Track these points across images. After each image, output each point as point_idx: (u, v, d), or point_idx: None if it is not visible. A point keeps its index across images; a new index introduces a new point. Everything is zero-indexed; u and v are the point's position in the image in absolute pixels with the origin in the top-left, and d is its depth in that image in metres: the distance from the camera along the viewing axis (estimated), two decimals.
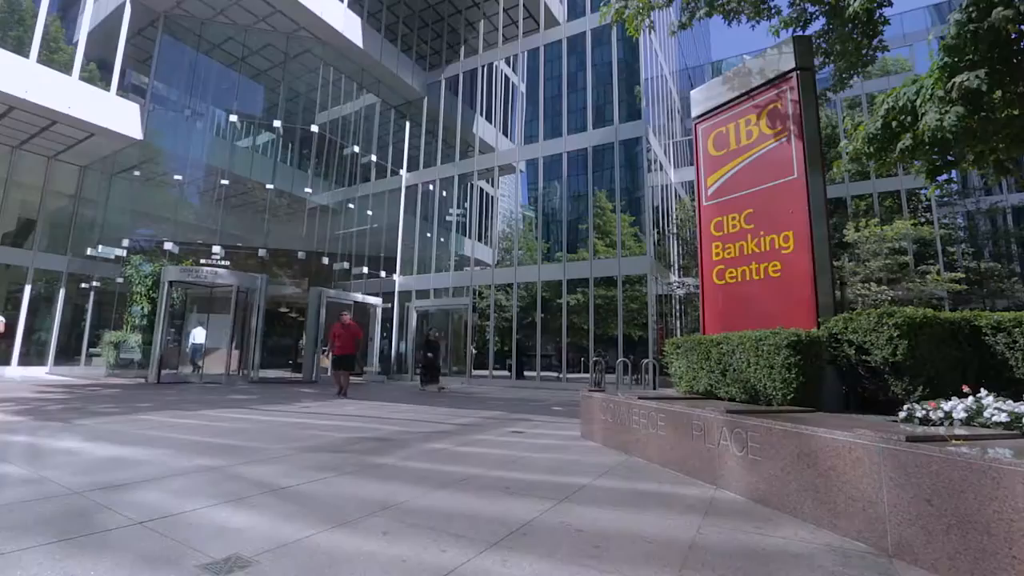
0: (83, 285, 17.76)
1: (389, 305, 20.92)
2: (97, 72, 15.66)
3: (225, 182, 18.49)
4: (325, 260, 20.89)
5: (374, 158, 23.01)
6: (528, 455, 4.57)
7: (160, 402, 8.45)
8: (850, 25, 6.41)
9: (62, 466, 3.59)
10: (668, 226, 21.11)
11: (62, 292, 17.31)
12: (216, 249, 17.34)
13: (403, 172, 23.09)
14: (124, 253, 16.40)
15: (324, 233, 21.65)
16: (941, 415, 2.95)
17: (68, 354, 17.31)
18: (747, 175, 5.52)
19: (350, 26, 19.06)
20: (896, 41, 24.49)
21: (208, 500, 2.85)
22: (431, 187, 22.17)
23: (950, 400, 3.04)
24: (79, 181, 18.02)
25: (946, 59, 5.55)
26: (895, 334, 3.74)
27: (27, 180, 17.06)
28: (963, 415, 2.87)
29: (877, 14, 6.29)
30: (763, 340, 4.13)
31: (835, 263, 18.39)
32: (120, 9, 16.03)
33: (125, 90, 16.19)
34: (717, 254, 5.73)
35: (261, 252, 18.42)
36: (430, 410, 8.47)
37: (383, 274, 21.80)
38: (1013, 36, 5.64)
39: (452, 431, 6.02)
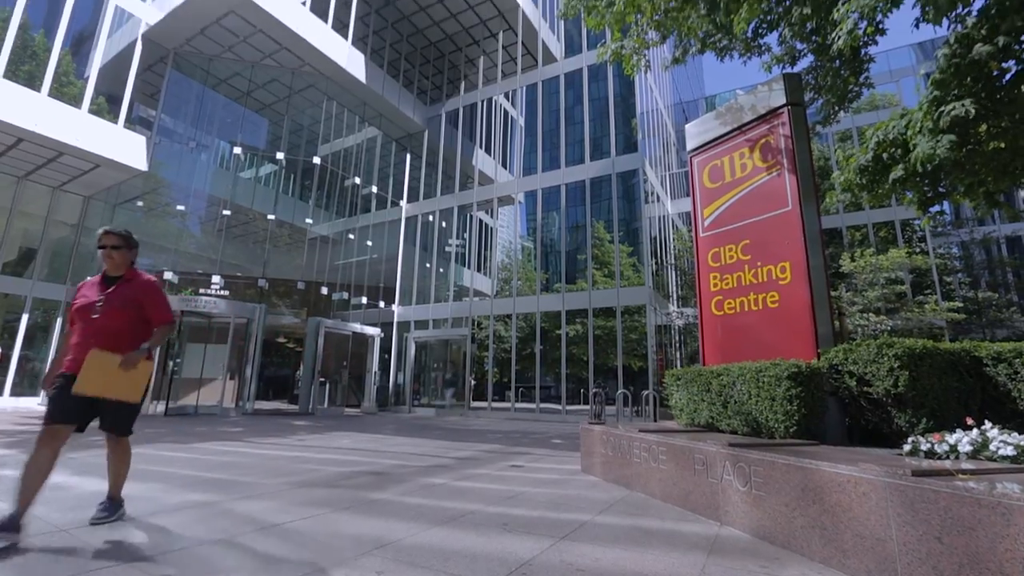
0: None
1: (384, 335, 20.82)
2: (106, 105, 16.00)
3: (227, 212, 18.67)
4: (324, 290, 20.92)
5: (375, 189, 23.33)
6: (527, 490, 4.47)
7: (152, 434, 8.31)
8: (837, 62, 6.62)
9: (50, 502, 3.49)
10: (666, 257, 21.27)
11: (59, 321, 17.23)
12: (216, 279, 17.38)
13: (403, 203, 23.38)
14: None
15: (324, 263, 21.75)
16: (946, 448, 2.91)
17: None
18: (743, 207, 5.59)
19: (354, 62, 19.64)
20: (882, 77, 25.29)
21: (197, 538, 2.76)
22: (431, 218, 22.41)
23: (955, 432, 3.00)
24: (82, 211, 18.19)
25: (935, 93, 5.71)
26: (896, 365, 3.72)
27: (31, 210, 17.22)
28: (969, 448, 2.83)
29: (862, 52, 6.50)
30: (764, 371, 4.11)
31: (833, 293, 18.47)
32: (132, 46, 16.53)
33: (132, 122, 16.53)
34: (715, 285, 5.75)
35: (261, 282, 18.46)
36: (427, 443, 8.33)
37: (382, 304, 21.79)
38: (995, 72, 5.83)
39: (450, 465, 5.90)
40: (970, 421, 3.15)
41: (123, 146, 15.53)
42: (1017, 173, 6.18)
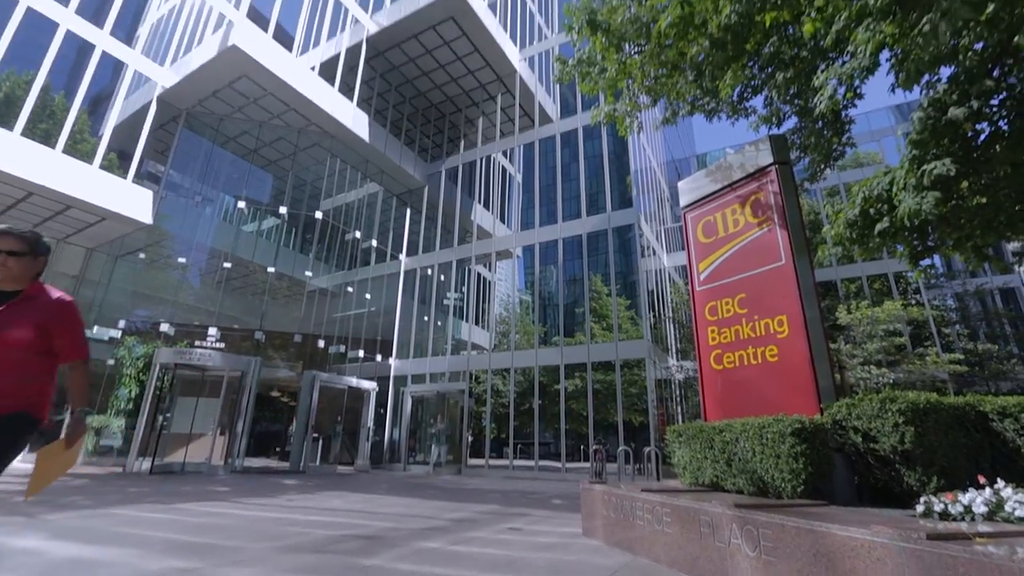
0: None
1: (381, 389, 20.47)
2: (116, 160, 16.48)
3: (227, 265, 18.84)
4: (321, 343, 20.75)
5: (375, 243, 23.68)
6: (527, 555, 4.25)
7: (135, 494, 7.96)
8: (820, 123, 6.94)
9: (19, 568, 3.30)
10: (664, 310, 21.34)
11: None
12: (212, 331, 17.28)
13: (402, 257, 23.67)
14: (119, 334, 16.28)
15: (322, 316, 21.72)
16: (960, 509, 2.81)
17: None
18: (737, 261, 5.68)
19: (358, 122, 20.49)
20: (864, 137, 26.45)
21: None
22: (430, 271, 22.62)
23: (968, 492, 2.91)
24: (84, 263, 18.34)
25: (915, 152, 5.96)
26: (900, 420, 3.65)
27: None
28: (984, 509, 2.73)
29: (843, 114, 6.83)
30: (767, 427, 4.02)
31: (832, 346, 18.39)
32: (146, 107, 17.27)
33: (141, 177, 16.98)
34: (713, 339, 5.73)
35: (257, 334, 18.34)
36: (422, 503, 7.99)
37: (379, 358, 21.57)
38: (970, 134, 6.11)
39: (446, 527, 5.63)
40: (982, 480, 3.06)
41: (130, 200, 15.89)
42: (1002, 227, 6.35)
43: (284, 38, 18.07)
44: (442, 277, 22.45)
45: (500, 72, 23.11)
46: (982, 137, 6.16)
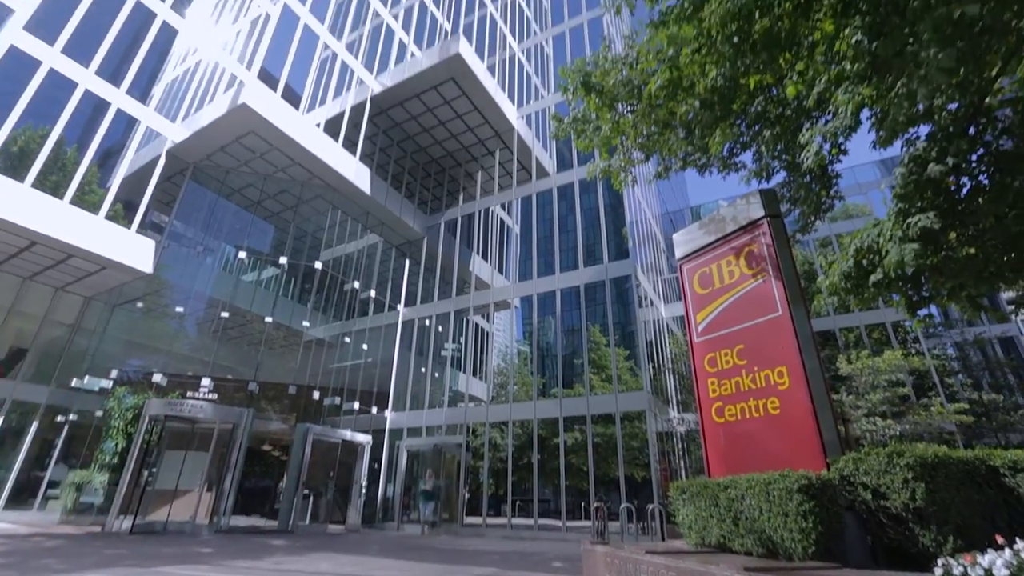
0: (59, 418, 17.00)
1: (375, 443, 19.91)
2: (122, 211, 16.75)
3: (225, 314, 18.79)
4: (316, 394, 20.38)
5: (373, 293, 23.77)
6: None
7: (112, 556, 7.56)
8: (808, 177, 7.17)
9: None
10: (663, 361, 21.17)
11: (34, 426, 16.48)
12: (205, 382, 17.00)
13: (400, 307, 23.70)
14: (110, 384, 16.00)
15: (317, 367, 21.45)
16: (981, 573, 2.68)
17: (24, 496, 15.90)
18: (734, 312, 5.71)
19: (360, 176, 21.07)
20: (852, 190, 27.26)
21: None
22: (427, 322, 22.57)
23: (987, 553, 2.78)
24: (80, 311, 18.28)
25: (900, 205, 6.13)
26: (909, 476, 3.55)
27: (29, 309, 17.31)
28: (1005, 572, 2.61)
29: (830, 169, 7.07)
30: (773, 484, 3.90)
31: (834, 397, 18.14)
32: (155, 161, 17.78)
33: (145, 227, 17.22)
34: (714, 391, 5.66)
35: (251, 385, 18.04)
36: (415, 566, 7.59)
37: (374, 410, 21.13)
38: (953, 188, 6.30)
39: None
40: (1000, 540, 2.94)
41: (132, 250, 16.06)
42: (993, 277, 6.43)
43: (292, 96, 18.90)
44: (440, 328, 22.38)
45: (499, 129, 24.04)
46: (965, 190, 6.36)
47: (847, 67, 5.09)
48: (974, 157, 6.19)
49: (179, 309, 19.27)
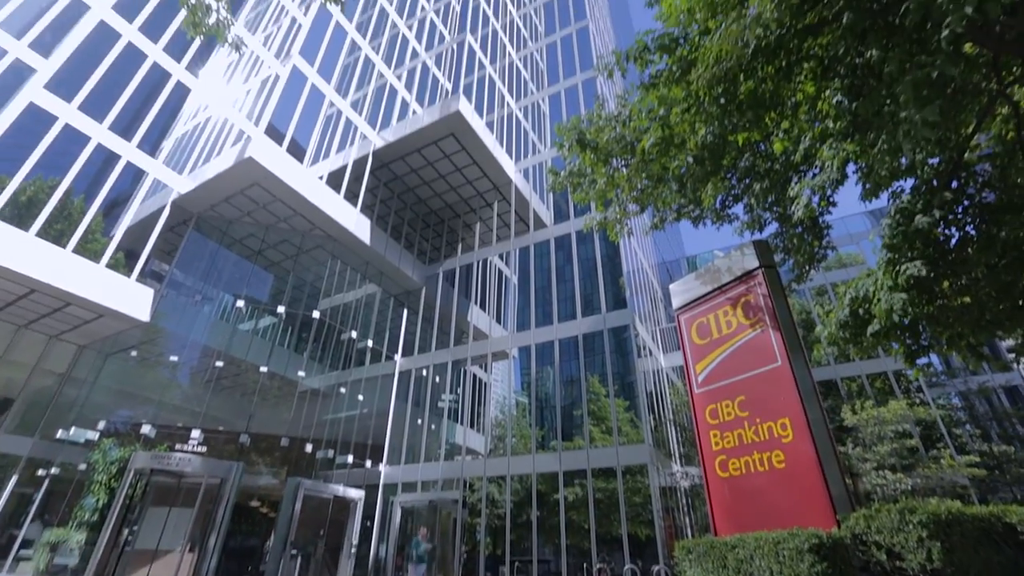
0: (40, 472, 16.38)
1: (369, 498, 19.15)
2: (123, 260, 16.85)
3: (220, 364, 18.56)
4: (309, 447, 19.80)
5: (370, 343, 23.61)
6: None
7: None
8: (799, 228, 7.32)
9: None
10: (664, 412, 20.78)
11: (13, 480, 15.85)
12: (195, 433, 16.55)
13: (398, 357, 23.47)
14: (96, 436, 15.54)
15: (311, 418, 20.97)
16: None
17: None
18: (733, 362, 5.66)
19: (360, 227, 21.44)
20: (843, 240, 27.73)
21: None
22: (424, 372, 22.30)
23: None
24: (73, 360, 18.03)
25: (890, 255, 6.22)
26: (924, 534, 3.41)
27: (20, 358, 17.07)
28: None
29: (821, 220, 7.22)
30: (782, 543, 3.73)
31: (840, 449, 17.68)
32: (160, 211, 18.11)
33: (144, 276, 17.30)
34: (716, 443, 5.53)
35: (243, 437, 17.55)
36: None
37: (368, 464, 20.48)
38: (941, 238, 6.42)
39: None
40: None
41: (130, 298, 16.06)
42: (990, 326, 6.44)
43: (297, 150, 19.54)
44: (437, 379, 22.08)
45: (497, 182, 24.72)
46: (953, 241, 6.49)
47: (830, 125, 5.32)
48: (959, 209, 6.36)
49: (173, 358, 19.03)
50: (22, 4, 15.49)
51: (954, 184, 6.37)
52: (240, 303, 20.71)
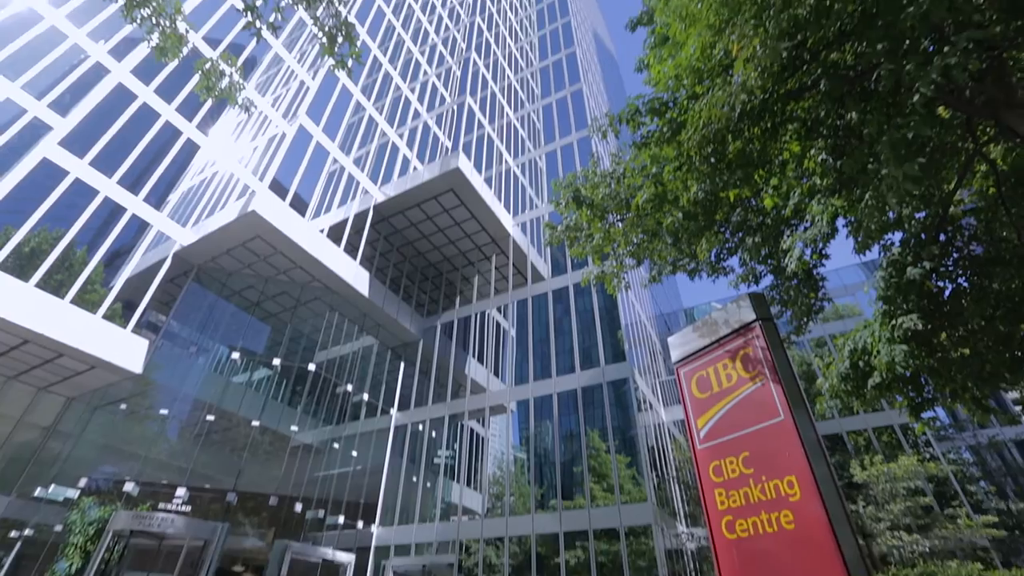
0: (12, 534, 15.53)
1: (359, 562, 18.14)
2: (120, 310, 16.78)
3: (211, 417, 18.11)
4: (298, 507, 18.97)
5: (366, 397, 23.19)
6: None
7: None
8: (795, 280, 7.39)
9: None
10: (667, 468, 20.14)
11: None
12: (180, 491, 15.90)
13: (393, 411, 22.99)
14: (76, 494, 14.89)
15: (303, 475, 20.23)
16: None
17: None
18: (735, 417, 5.56)
19: (359, 279, 21.58)
20: (839, 291, 27.94)
21: None
22: (421, 427, 21.78)
23: None
24: (60, 413, 17.57)
25: (885, 307, 6.25)
26: None
27: (6, 411, 16.64)
28: None
29: (815, 272, 7.30)
30: None
31: (851, 507, 17.00)
32: (161, 262, 18.26)
33: (140, 327, 17.18)
34: (722, 502, 5.33)
35: (230, 496, 16.85)
36: None
37: (360, 524, 19.56)
38: (935, 290, 6.48)
39: None
40: None
41: (124, 350, 15.88)
42: (992, 378, 6.38)
43: (299, 204, 19.99)
44: (433, 433, 21.53)
45: (495, 235, 25.15)
46: (947, 292, 6.55)
47: (817, 181, 5.50)
48: (949, 261, 6.46)
49: (164, 411, 18.59)
50: (48, 66, 16.32)
51: (942, 237, 6.51)
52: (235, 355, 20.48)
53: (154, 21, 4.76)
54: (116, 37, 18.30)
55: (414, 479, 20.63)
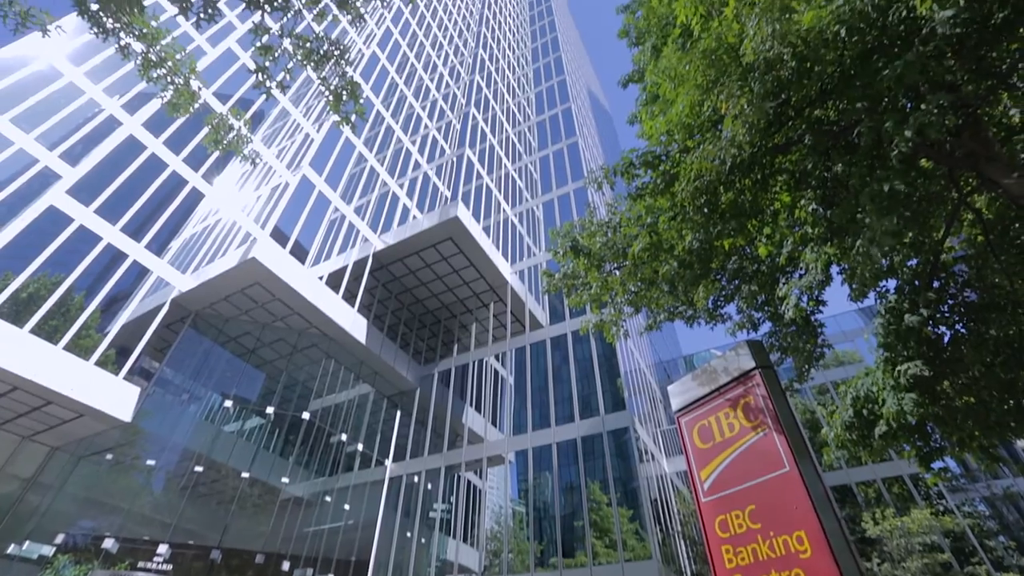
0: None
1: None
2: (113, 356, 16.55)
3: (199, 468, 17.54)
4: (285, 565, 18.05)
5: (360, 447, 22.58)
6: None
7: None
8: (793, 327, 7.39)
9: None
10: (671, 522, 19.37)
11: None
12: (162, 548, 15.17)
13: (388, 462, 22.34)
14: (52, 551, 14.15)
15: (291, 530, 19.38)
16: None
17: None
18: (739, 468, 5.41)
19: (357, 326, 21.50)
20: (838, 338, 27.85)
21: None
22: (416, 479, 21.10)
23: None
24: (43, 463, 16.98)
25: (886, 354, 6.22)
26: None
27: None
28: None
29: (813, 319, 7.30)
30: None
31: (866, 565, 16.24)
32: (158, 308, 18.22)
33: (133, 373, 16.92)
34: (730, 560, 5.09)
35: (214, 553, 16.07)
36: None
37: None
38: (933, 336, 6.48)
39: None
40: None
41: (115, 397, 15.58)
42: (998, 427, 6.27)
43: (300, 251, 20.21)
44: (429, 485, 20.82)
45: (493, 283, 25.31)
46: (946, 339, 6.54)
47: (809, 230, 5.62)
48: (944, 308, 6.50)
49: (150, 462, 18.00)
50: (63, 119, 16.91)
51: (936, 284, 6.58)
52: (228, 403, 20.09)
53: (169, 79, 4.99)
54: (131, 92, 19.11)
55: (408, 534, 19.76)
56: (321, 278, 20.74)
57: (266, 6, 4.44)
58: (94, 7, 4.10)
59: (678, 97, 5.61)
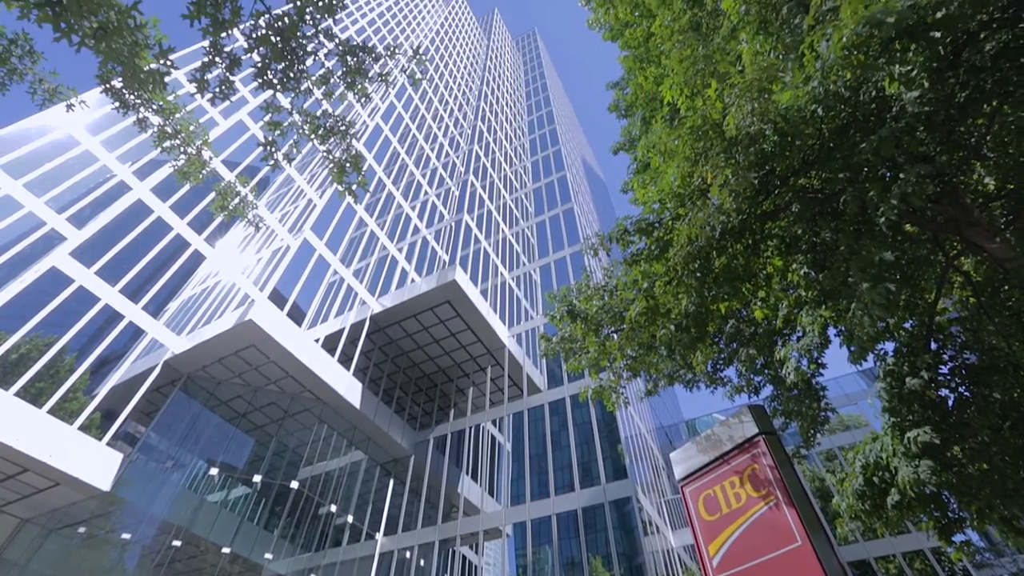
0: None
1: None
2: (98, 420, 15.99)
3: (177, 543, 16.49)
4: None
5: (350, 519, 21.42)
6: None
7: None
8: (795, 391, 7.28)
9: None
10: None
11: None
12: None
13: (379, 536, 21.10)
14: None
15: None
16: None
17: None
18: (749, 543, 5.14)
19: (351, 390, 21.06)
20: (840, 400, 27.35)
21: None
22: (408, 554, 19.85)
23: None
24: (10, 537, 15.94)
25: (892, 419, 6.09)
26: None
27: None
28: None
29: (814, 382, 7.21)
30: None
31: None
32: (150, 370, 17.88)
33: (117, 438, 16.30)
34: None
35: None
36: None
37: None
38: (937, 400, 6.36)
39: None
40: None
41: (95, 464, 14.93)
42: (1018, 495, 6.00)
43: (297, 314, 20.19)
44: (422, 562, 19.55)
45: (490, 347, 25.14)
46: (951, 401, 6.43)
47: (802, 293, 5.69)
48: (945, 370, 6.45)
49: (126, 536, 16.92)
50: (75, 183, 17.45)
51: (933, 346, 6.57)
52: (214, 471, 19.24)
53: (181, 149, 5.22)
54: (143, 159, 19.88)
55: None
56: (317, 340, 20.58)
57: (278, 85, 4.74)
58: (118, 84, 4.37)
59: (668, 169, 5.88)
